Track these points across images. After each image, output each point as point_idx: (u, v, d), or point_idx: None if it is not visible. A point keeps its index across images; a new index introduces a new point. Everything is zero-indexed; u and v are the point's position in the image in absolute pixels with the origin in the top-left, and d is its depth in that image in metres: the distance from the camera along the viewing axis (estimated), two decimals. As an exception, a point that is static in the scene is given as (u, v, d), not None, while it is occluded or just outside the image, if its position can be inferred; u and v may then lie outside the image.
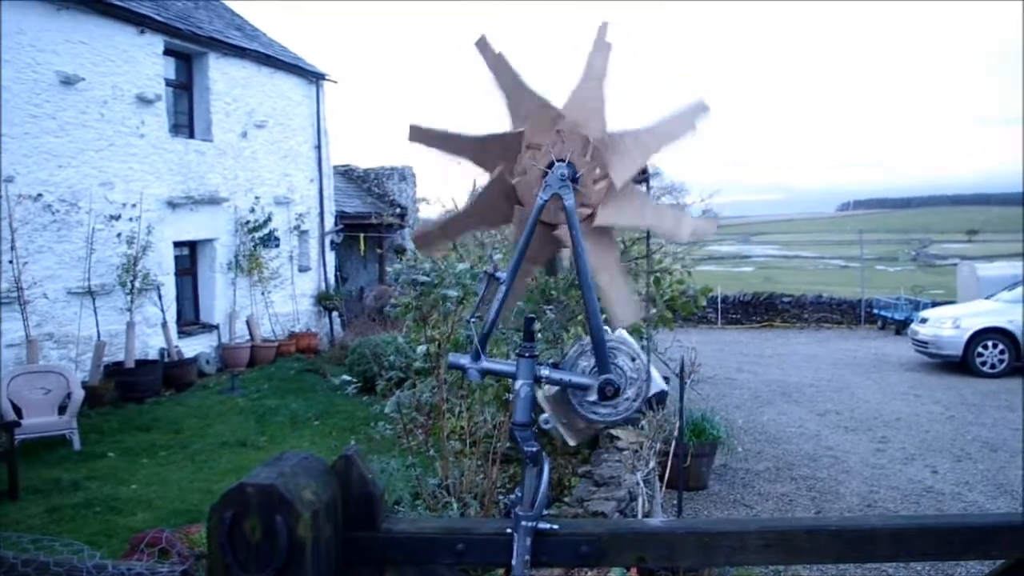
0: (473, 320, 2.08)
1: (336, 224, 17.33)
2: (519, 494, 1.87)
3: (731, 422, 8.65)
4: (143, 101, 11.66)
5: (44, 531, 5.69)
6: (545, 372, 1.90)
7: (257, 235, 14.11)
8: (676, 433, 5.75)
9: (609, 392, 1.87)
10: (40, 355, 9.69)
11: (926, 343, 13.70)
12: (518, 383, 1.88)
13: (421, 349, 5.01)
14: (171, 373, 11.55)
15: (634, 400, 1.90)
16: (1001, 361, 12.86)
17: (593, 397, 1.89)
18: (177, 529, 4.95)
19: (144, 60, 11.72)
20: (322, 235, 16.76)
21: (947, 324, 13.53)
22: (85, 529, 6.00)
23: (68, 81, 10.35)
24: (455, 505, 4.62)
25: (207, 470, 7.70)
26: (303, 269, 16.04)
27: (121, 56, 11.28)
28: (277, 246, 14.88)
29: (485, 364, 1.93)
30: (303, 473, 1.73)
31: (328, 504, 1.73)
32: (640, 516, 4.78)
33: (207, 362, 12.82)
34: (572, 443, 2.03)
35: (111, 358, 10.79)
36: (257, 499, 1.64)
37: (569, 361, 1.95)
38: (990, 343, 12.96)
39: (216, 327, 13.45)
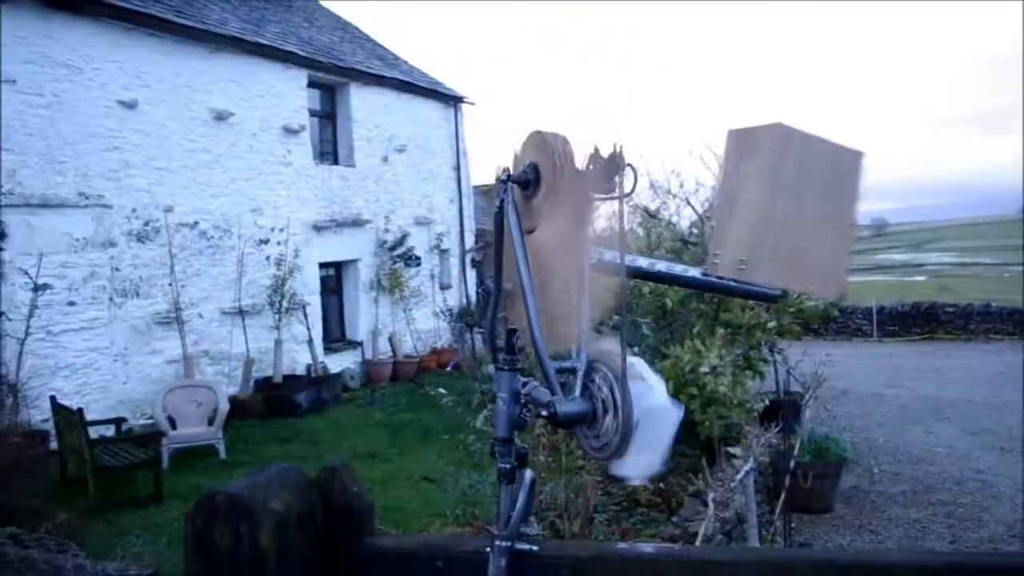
0: (480, 331, 2.04)
1: (476, 242, 17.69)
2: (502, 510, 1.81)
3: (871, 440, 8.07)
4: (289, 131, 12.44)
5: (179, 533, 6.13)
6: (525, 388, 1.83)
7: (397, 254, 14.64)
8: (793, 452, 5.42)
9: (548, 414, 1.73)
10: (197, 370, 10.50)
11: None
12: (498, 397, 1.83)
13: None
14: (317, 387, 12.16)
15: (607, 447, 1.64)
16: None
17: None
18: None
19: (290, 93, 12.53)
20: (462, 253, 17.15)
21: None
22: (216, 533, 6.39)
23: (220, 117, 11.22)
24: (536, 523, 4.55)
25: (336, 481, 8.02)
26: (444, 287, 16.48)
27: (268, 91, 12.11)
28: (418, 265, 15.37)
29: (503, 375, 1.89)
30: (278, 483, 1.75)
31: (301, 515, 1.74)
32: (707, 541, 4.54)
33: (351, 377, 13.39)
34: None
35: (261, 373, 11.53)
36: (225, 507, 1.66)
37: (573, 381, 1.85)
38: None
39: (360, 344, 14.05)
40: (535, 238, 1.72)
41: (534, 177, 1.72)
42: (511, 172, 1.77)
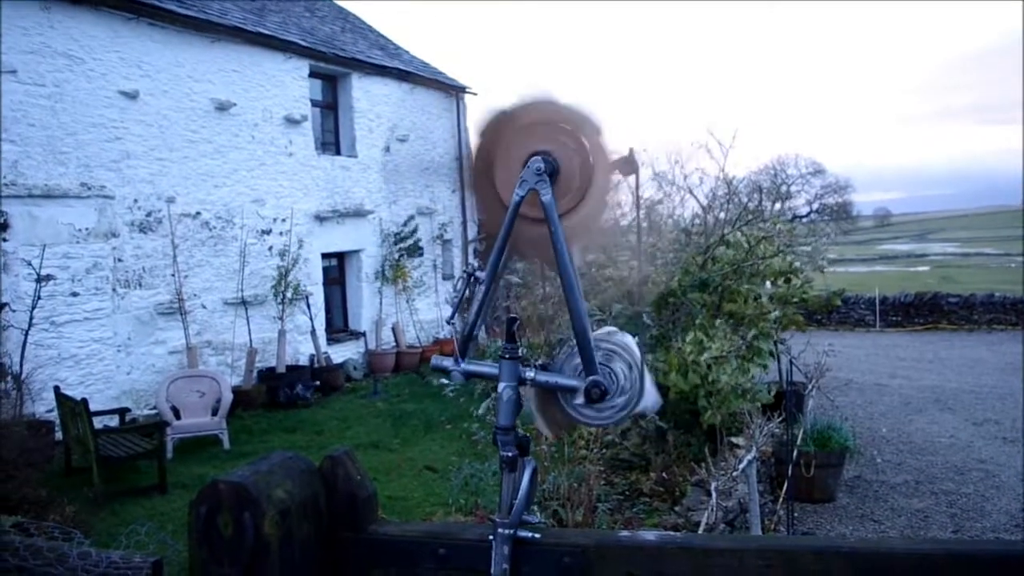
0: (452, 322, 2.03)
1: (479, 232, 17.66)
2: (504, 498, 1.82)
3: (874, 430, 8.07)
4: (291, 122, 12.41)
5: (183, 522, 6.15)
6: (531, 374, 1.83)
7: (401, 245, 14.64)
8: (796, 442, 5.42)
9: (595, 395, 1.78)
10: (200, 361, 10.52)
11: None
12: (501, 386, 1.82)
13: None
14: (320, 378, 12.18)
15: (621, 409, 1.79)
16: None
17: (580, 400, 1.81)
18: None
19: (291, 83, 12.49)
20: (465, 243, 17.14)
21: None
22: (220, 523, 6.42)
23: (222, 107, 11.20)
24: (539, 513, 4.56)
25: (339, 471, 8.04)
26: (447, 277, 16.47)
27: (270, 81, 12.07)
28: (421, 255, 15.36)
29: (468, 366, 1.89)
30: (280, 472, 1.75)
31: (304, 503, 1.74)
32: (710, 529, 4.54)
33: (354, 368, 13.40)
34: (549, 436, 1.96)
35: (264, 364, 11.54)
36: (228, 495, 1.67)
37: (559, 362, 1.87)
38: None
39: (363, 334, 14.06)
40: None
41: (554, 167, 1.72)
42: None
